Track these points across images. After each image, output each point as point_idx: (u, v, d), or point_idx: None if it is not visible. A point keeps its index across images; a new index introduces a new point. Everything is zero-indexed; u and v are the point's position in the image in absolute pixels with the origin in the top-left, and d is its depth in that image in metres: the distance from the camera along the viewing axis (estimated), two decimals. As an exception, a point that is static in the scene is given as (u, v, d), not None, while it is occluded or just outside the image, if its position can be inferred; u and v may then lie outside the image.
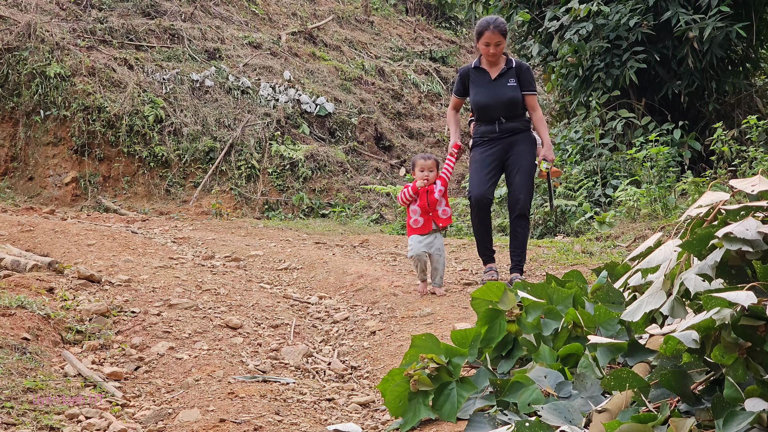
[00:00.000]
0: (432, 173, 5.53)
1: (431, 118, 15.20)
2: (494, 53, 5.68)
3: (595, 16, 9.87)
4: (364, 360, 4.65)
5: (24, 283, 5.29)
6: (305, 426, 3.54)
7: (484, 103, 5.76)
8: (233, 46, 14.47)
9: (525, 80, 5.74)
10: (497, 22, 5.67)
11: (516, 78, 5.73)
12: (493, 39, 5.64)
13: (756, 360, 2.42)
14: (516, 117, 5.77)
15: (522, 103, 5.75)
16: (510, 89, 5.72)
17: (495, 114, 5.75)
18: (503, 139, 5.77)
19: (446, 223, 5.59)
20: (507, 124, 5.74)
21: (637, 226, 7.98)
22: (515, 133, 5.78)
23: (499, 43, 5.66)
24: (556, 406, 2.73)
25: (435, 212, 5.54)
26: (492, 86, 5.76)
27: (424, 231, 5.53)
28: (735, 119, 10.41)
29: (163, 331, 4.81)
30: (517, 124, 5.77)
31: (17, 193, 11.70)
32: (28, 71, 12.00)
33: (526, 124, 5.83)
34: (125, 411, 3.81)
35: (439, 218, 5.56)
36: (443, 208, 5.55)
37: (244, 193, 12.16)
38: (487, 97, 5.75)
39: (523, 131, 5.81)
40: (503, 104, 5.72)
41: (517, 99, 5.71)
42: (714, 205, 2.76)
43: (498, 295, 3.63)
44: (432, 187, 5.53)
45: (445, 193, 5.57)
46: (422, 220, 5.54)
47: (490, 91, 5.75)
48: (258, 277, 6.71)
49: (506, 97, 5.71)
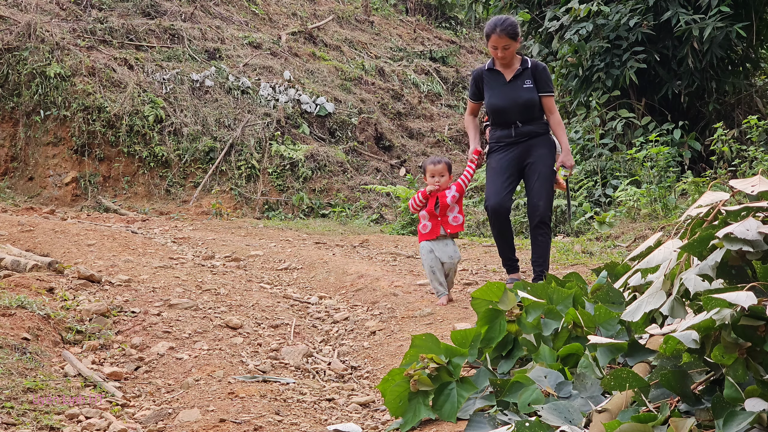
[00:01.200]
0: (444, 177, 5.28)
1: (431, 118, 15.20)
2: (503, 56, 5.41)
3: (595, 16, 9.87)
4: (364, 360, 4.65)
5: (24, 283, 5.29)
6: (305, 426, 3.54)
7: (500, 106, 5.48)
8: (233, 46, 14.47)
9: (542, 81, 5.44)
10: (504, 24, 5.35)
11: (532, 79, 5.45)
12: (500, 42, 5.36)
13: (756, 360, 2.42)
14: (533, 120, 5.47)
15: (539, 106, 5.46)
16: (526, 91, 5.44)
17: (511, 117, 5.47)
18: (520, 143, 5.48)
19: (456, 230, 5.32)
20: (524, 127, 5.46)
21: (637, 226, 7.98)
22: (533, 136, 5.48)
23: (507, 47, 5.37)
24: (556, 406, 2.73)
25: (445, 217, 5.29)
26: (507, 88, 5.47)
27: (432, 236, 5.29)
28: (735, 119, 10.41)
29: (163, 331, 4.81)
30: (534, 128, 5.48)
31: (17, 193, 11.70)
32: (28, 71, 12.00)
33: (544, 127, 5.53)
34: (125, 411, 3.81)
35: (448, 224, 5.30)
36: (455, 214, 5.30)
37: (244, 193, 12.17)
38: (502, 100, 5.47)
39: (542, 135, 5.51)
40: (519, 107, 5.43)
41: (533, 101, 5.43)
42: (714, 205, 2.76)
43: (498, 295, 3.63)
44: (444, 192, 5.29)
45: (460, 199, 5.33)
46: (430, 224, 5.30)
47: (505, 94, 5.47)
48: (258, 277, 6.71)
49: (523, 100, 5.42)
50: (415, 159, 13.65)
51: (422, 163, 5.51)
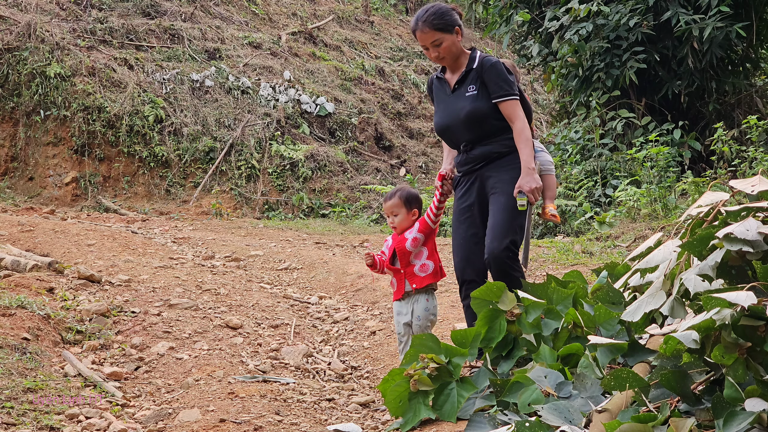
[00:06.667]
0: (399, 216, 4.04)
1: (431, 118, 15.21)
2: (437, 57, 4.01)
3: (595, 16, 9.87)
4: (364, 360, 4.65)
5: (24, 283, 5.29)
6: (305, 426, 3.54)
7: (442, 124, 4.12)
8: (233, 46, 14.47)
9: (492, 83, 3.95)
10: (426, 15, 3.96)
11: (478, 83, 3.99)
12: (426, 39, 3.97)
13: (756, 360, 2.42)
14: (488, 137, 4.00)
15: (492, 116, 3.97)
16: (469, 100, 3.99)
17: (458, 138, 4.08)
18: (476, 171, 4.04)
19: (423, 284, 3.99)
20: (476, 149, 4.02)
21: (637, 226, 7.98)
22: (490, 159, 4.01)
23: (438, 42, 3.96)
24: (556, 406, 2.73)
25: (410, 268, 4.01)
26: (451, 100, 4.08)
27: (398, 296, 4.05)
28: (735, 119, 10.41)
29: (163, 331, 4.81)
30: (491, 148, 4.00)
31: (17, 193, 11.70)
32: (28, 71, 12.00)
33: (506, 144, 3.99)
34: (125, 411, 3.81)
35: (414, 276, 3.99)
36: (422, 261, 4.00)
37: (244, 193, 12.16)
38: (444, 117, 4.11)
39: (504, 155, 4.00)
40: (463, 124, 4.01)
41: (478, 113, 3.96)
42: (714, 205, 2.76)
43: (498, 296, 3.63)
44: (402, 235, 4.04)
45: (429, 239, 4.04)
46: (395, 280, 4.06)
47: (448, 107, 4.09)
48: (258, 277, 6.71)
49: (464, 114, 3.99)
50: (415, 159, 13.66)
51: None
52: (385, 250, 4.09)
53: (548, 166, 4.77)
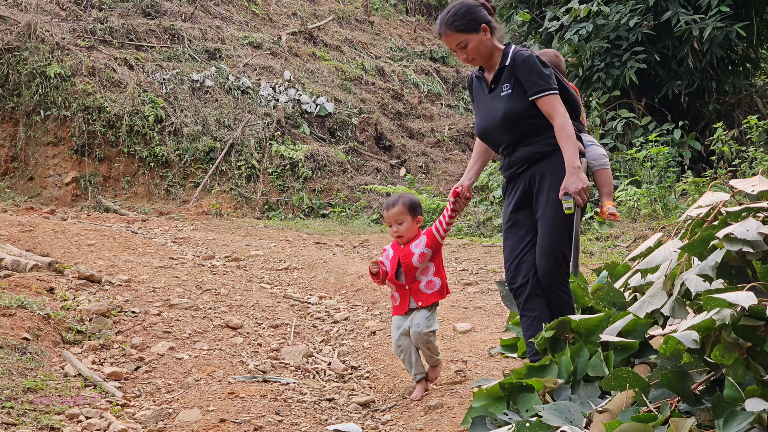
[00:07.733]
0: (404, 225, 3.83)
1: (431, 118, 15.20)
2: (466, 59, 3.81)
3: (595, 16, 9.87)
4: (364, 360, 4.65)
5: (24, 283, 5.29)
6: (305, 426, 3.54)
7: (482, 127, 3.89)
8: (233, 46, 14.47)
9: (525, 79, 3.71)
10: (447, 17, 3.76)
11: (512, 81, 3.76)
12: (452, 42, 3.77)
13: (756, 360, 2.42)
14: (528, 137, 3.73)
15: (530, 115, 3.70)
16: (504, 101, 3.75)
17: (497, 140, 3.85)
18: (521, 174, 3.78)
19: (429, 302, 3.83)
20: (517, 151, 3.76)
21: (637, 226, 7.98)
22: (534, 161, 3.74)
23: (464, 44, 3.74)
24: (557, 407, 2.73)
25: (416, 284, 3.83)
26: (489, 100, 3.84)
27: (401, 311, 3.87)
28: (735, 119, 10.42)
29: (163, 331, 4.81)
30: (533, 149, 3.73)
31: (17, 193, 11.69)
32: (29, 71, 12.00)
33: (549, 142, 3.70)
34: (125, 411, 3.81)
35: (420, 294, 3.83)
36: (429, 278, 3.84)
37: (245, 193, 12.16)
38: (482, 120, 3.88)
39: (547, 155, 3.71)
40: (500, 126, 3.76)
41: (514, 114, 3.71)
42: (714, 205, 2.76)
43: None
44: (407, 247, 3.84)
45: (436, 255, 3.86)
46: (398, 296, 3.88)
47: (485, 109, 3.85)
48: (258, 277, 6.71)
49: (500, 115, 3.74)
50: (415, 159, 13.65)
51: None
52: (385, 260, 3.88)
53: (602, 159, 4.46)
